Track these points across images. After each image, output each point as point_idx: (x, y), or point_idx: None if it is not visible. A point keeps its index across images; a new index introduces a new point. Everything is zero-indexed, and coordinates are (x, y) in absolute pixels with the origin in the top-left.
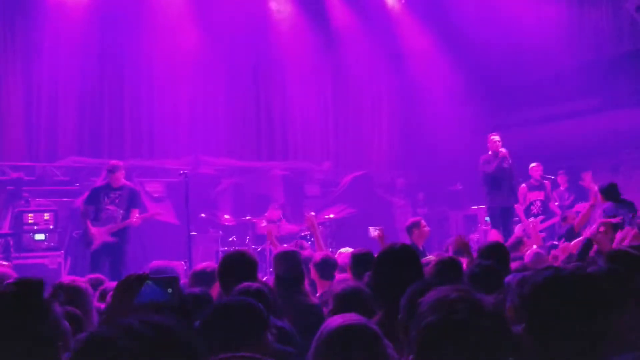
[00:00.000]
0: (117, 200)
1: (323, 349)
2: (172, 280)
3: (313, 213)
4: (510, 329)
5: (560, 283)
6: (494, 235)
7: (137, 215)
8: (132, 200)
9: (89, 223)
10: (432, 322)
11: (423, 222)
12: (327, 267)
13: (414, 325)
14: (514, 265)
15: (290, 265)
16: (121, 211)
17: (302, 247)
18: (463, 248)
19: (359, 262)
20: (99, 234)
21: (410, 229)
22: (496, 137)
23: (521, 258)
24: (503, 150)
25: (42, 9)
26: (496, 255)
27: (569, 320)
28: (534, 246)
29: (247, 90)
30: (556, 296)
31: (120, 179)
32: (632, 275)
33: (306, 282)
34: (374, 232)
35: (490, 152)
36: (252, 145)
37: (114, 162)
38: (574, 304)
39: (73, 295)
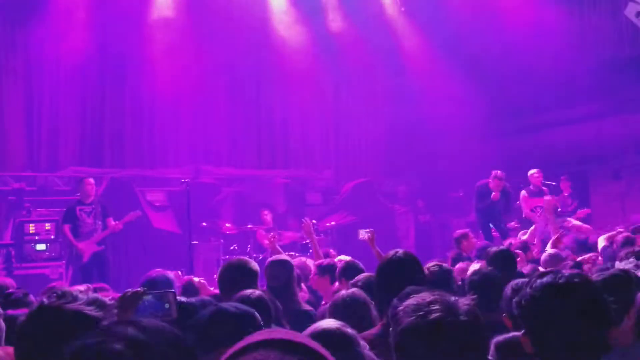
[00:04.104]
0: (92, 214)
1: None
2: (169, 294)
3: (314, 221)
4: (484, 330)
5: (558, 290)
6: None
7: (114, 222)
8: (104, 211)
9: (73, 240)
10: (407, 324)
11: (471, 234)
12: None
13: (391, 330)
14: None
15: (281, 273)
16: (99, 222)
17: (328, 255)
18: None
19: (350, 270)
20: (87, 247)
21: (459, 240)
22: (498, 177)
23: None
24: (496, 194)
25: (42, 19)
26: (502, 262)
27: (567, 328)
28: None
29: (248, 98)
30: (553, 303)
31: (91, 194)
32: None
33: (304, 289)
34: (364, 234)
35: (489, 185)
36: (253, 154)
37: (86, 179)
38: (571, 312)
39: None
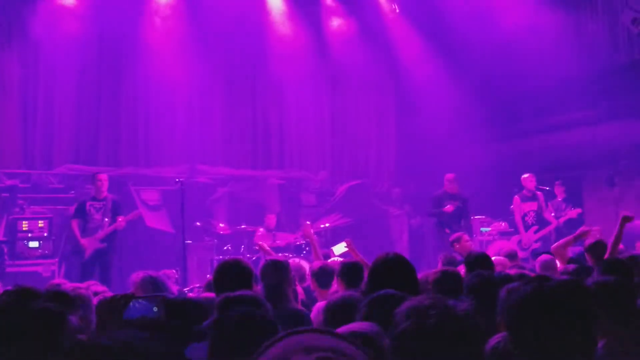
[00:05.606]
0: (102, 210)
1: None
2: (158, 299)
3: (309, 222)
4: (481, 334)
5: (544, 297)
6: (501, 244)
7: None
8: (115, 209)
9: (78, 236)
10: (405, 329)
11: (465, 237)
12: (325, 276)
13: (389, 334)
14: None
15: (275, 274)
16: (106, 220)
17: (327, 257)
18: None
19: (349, 271)
20: (90, 243)
21: (452, 243)
22: (451, 179)
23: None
24: (449, 207)
25: (38, 17)
26: (482, 266)
27: (549, 335)
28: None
29: (243, 98)
30: (539, 310)
31: (103, 190)
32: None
33: (300, 291)
34: (341, 248)
35: (445, 191)
36: (248, 154)
37: (99, 174)
38: (556, 318)
39: (77, 303)
